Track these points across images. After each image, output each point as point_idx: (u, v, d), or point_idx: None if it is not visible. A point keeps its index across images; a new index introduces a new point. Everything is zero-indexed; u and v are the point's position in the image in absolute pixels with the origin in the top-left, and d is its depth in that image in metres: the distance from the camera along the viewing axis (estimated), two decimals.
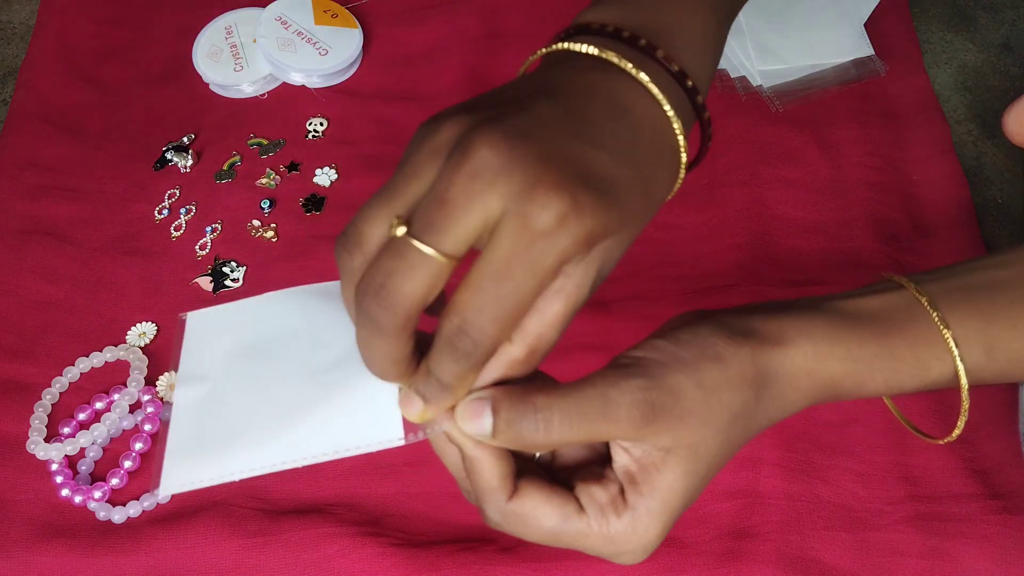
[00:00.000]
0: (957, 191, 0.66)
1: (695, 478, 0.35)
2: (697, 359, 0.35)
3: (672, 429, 0.34)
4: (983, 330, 0.37)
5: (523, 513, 0.34)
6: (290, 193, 0.67)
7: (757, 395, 0.36)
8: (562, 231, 0.31)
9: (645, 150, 0.35)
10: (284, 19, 0.74)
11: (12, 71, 0.75)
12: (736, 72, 0.72)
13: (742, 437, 0.36)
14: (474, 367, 0.33)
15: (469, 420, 0.33)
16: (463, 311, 0.31)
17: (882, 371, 0.37)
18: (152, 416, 0.57)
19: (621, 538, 0.34)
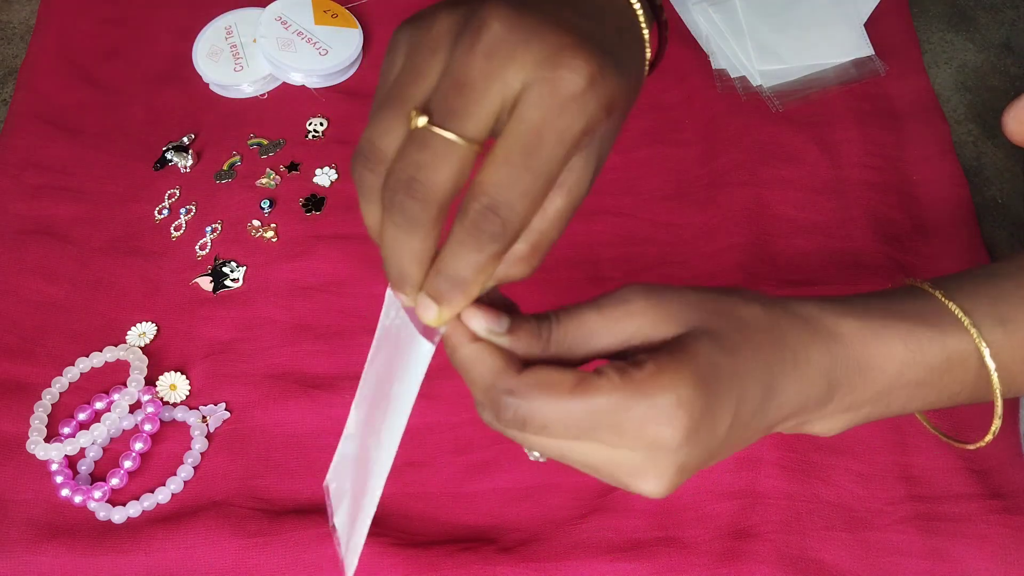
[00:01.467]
0: (957, 191, 0.66)
1: (726, 385, 0.33)
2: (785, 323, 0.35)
3: (718, 340, 0.33)
4: (992, 303, 0.38)
5: (538, 382, 0.32)
6: (290, 193, 0.67)
7: (774, 352, 0.35)
8: (591, 94, 0.30)
9: (624, 36, 0.35)
10: (284, 19, 0.74)
11: (12, 71, 0.75)
12: (736, 72, 0.72)
13: (759, 401, 0.34)
14: (497, 255, 0.31)
15: (488, 320, 0.32)
16: (490, 190, 0.30)
17: (900, 336, 0.37)
18: (152, 416, 0.57)
19: (652, 393, 0.31)
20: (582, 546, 0.52)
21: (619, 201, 0.66)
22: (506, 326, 0.33)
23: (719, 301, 0.35)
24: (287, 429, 0.57)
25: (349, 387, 0.58)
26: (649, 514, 0.53)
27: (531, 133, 0.30)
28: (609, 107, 0.31)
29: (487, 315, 0.33)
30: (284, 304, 0.62)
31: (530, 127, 0.30)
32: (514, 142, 0.30)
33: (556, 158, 0.30)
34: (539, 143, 0.30)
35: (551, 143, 0.30)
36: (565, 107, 0.30)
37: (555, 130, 0.30)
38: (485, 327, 0.33)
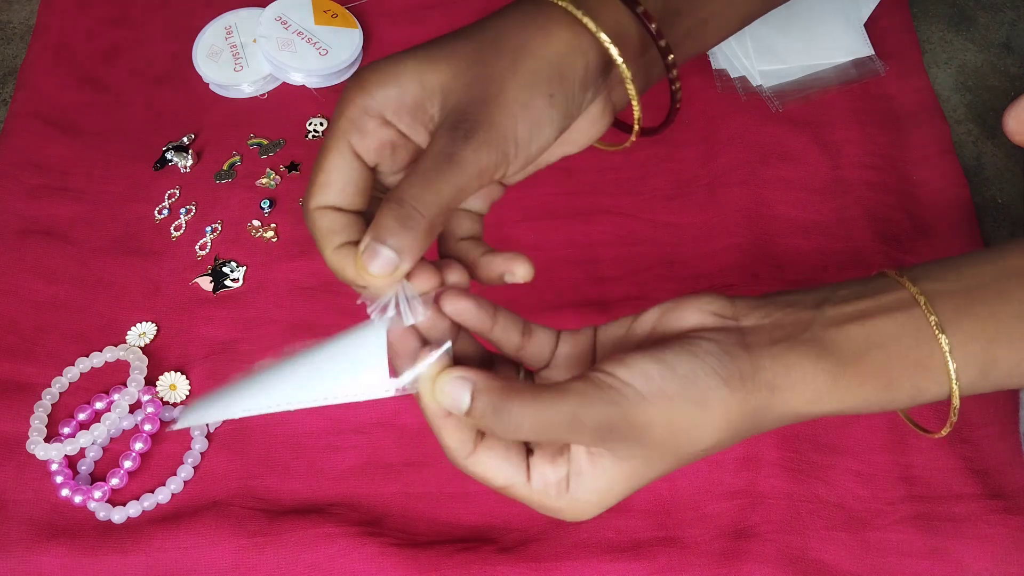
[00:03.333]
0: (957, 191, 0.66)
1: (639, 482, 0.37)
2: (680, 400, 0.35)
3: (631, 448, 0.36)
4: (984, 351, 0.37)
5: (476, 471, 0.37)
6: (290, 193, 0.67)
7: (736, 434, 0.37)
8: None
9: (511, 64, 0.37)
10: (284, 19, 0.74)
11: (12, 71, 0.75)
12: (736, 72, 0.72)
13: (709, 454, 0.37)
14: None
15: (448, 395, 0.35)
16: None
17: (879, 402, 0.38)
18: (152, 416, 0.57)
19: (557, 510, 0.38)
20: (582, 546, 0.52)
21: (619, 201, 0.66)
22: (464, 408, 0.35)
23: (689, 432, 0.36)
24: (287, 429, 0.57)
25: None
26: (649, 514, 0.53)
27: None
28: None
29: (454, 395, 0.35)
30: (284, 304, 0.62)
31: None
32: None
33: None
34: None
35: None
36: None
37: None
38: (447, 406, 0.36)
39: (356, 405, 0.58)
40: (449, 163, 0.35)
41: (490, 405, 0.34)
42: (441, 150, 0.36)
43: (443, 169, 0.35)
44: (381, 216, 0.35)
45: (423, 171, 0.36)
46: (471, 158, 0.36)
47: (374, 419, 0.57)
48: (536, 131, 0.37)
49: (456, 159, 0.36)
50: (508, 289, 0.41)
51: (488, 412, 0.34)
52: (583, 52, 0.38)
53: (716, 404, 0.35)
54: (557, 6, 0.38)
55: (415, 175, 0.36)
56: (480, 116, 0.36)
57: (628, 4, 0.39)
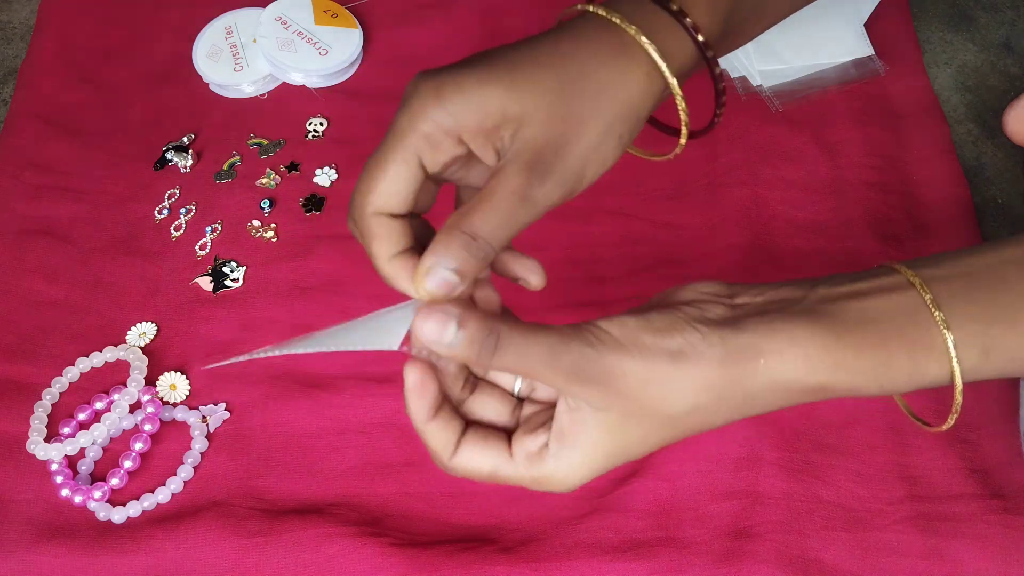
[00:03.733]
0: (957, 191, 0.66)
1: (622, 441, 0.37)
2: (655, 352, 0.35)
3: (605, 397, 0.36)
4: (983, 332, 0.37)
5: (462, 466, 0.38)
6: (290, 193, 0.67)
7: (720, 399, 0.36)
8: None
9: (582, 90, 0.38)
10: (284, 19, 0.74)
11: (12, 71, 0.75)
12: (736, 72, 0.72)
13: (698, 426, 0.37)
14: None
15: (435, 326, 0.34)
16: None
17: (877, 379, 0.37)
18: (152, 416, 0.57)
19: (545, 479, 0.38)
20: (582, 546, 0.52)
21: (619, 201, 0.66)
22: (451, 338, 0.35)
23: (665, 387, 0.36)
24: (287, 429, 0.57)
25: (349, 387, 0.58)
26: (649, 514, 0.53)
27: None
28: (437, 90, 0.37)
29: (440, 326, 0.35)
30: (284, 304, 0.62)
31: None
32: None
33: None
34: None
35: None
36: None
37: None
38: (434, 337, 0.35)
39: (356, 405, 0.58)
40: (524, 203, 0.36)
41: (478, 330, 0.34)
42: (517, 189, 0.36)
43: (518, 209, 0.36)
44: (451, 244, 0.36)
45: (498, 208, 0.36)
46: (544, 199, 0.37)
47: (374, 419, 0.57)
48: (600, 168, 0.39)
49: (531, 199, 0.36)
50: (509, 287, 0.42)
51: (475, 336, 0.34)
52: (654, 94, 0.40)
53: (693, 360, 0.35)
54: (632, 40, 0.39)
55: (490, 211, 0.36)
56: (557, 159, 0.37)
57: (700, 48, 0.40)
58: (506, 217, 0.36)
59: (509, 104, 0.37)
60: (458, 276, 0.35)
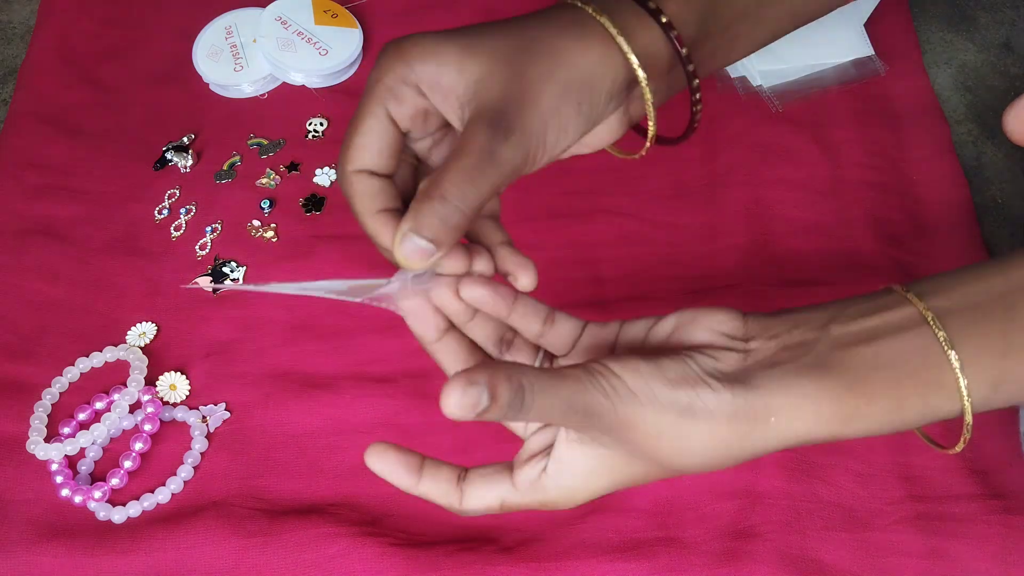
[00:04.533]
0: (957, 191, 0.66)
1: (622, 477, 0.38)
2: (667, 405, 0.35)
3: (615, 441, 0.36)
4: (994, 365, 0.37)
5: (473, 507, 0.39)
6: (290, 193, 0.67)
7: (728, 452, 0.36)
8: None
9: (545, 72, 0.38)
10: (284, 19, 0.74)
11: (12, 71, 0.75)
12: (736, 72, 0.72)
13: (702, 471, 0.38)
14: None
15: (469, 401, 0.33)
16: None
17: (890, 422, 0.37)
18: (152, 416, 0.57)
19: (550, 503, 0.39)
20: (582, 546, 0.52)
21: (619, 201, 0.66)
22: (484, 406, 0.34)
23: (676, 439, 0.36)
24: (287, 429, 0.57)
25: (349, 387, 0.58)
26: (649, 514, 0.53)
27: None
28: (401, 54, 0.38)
29: (472, 399, 0.35)
30: (284, 304, 0.62)
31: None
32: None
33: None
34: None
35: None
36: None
37: None
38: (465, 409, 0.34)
39: (356, 405, 0.58)
40: (490, 161, 0.37)
41: (507, 397, 0.34)
42: (482, 147, 0.36)
43: (484, 166, 0.36)
44: (422, 210, 0.36)
45: (465, 167, 0.36)
46: (509, 156, 0.37)
47: (374, 419, 0.57)
48: (562, 136, 0.39)
49: (497, 157, 0.37)
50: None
51: (504, 403, 0.34)
52: (613, 67, 0.39)
53: (703, 416, 0.35)
54: (595, 20, 0.39)
55: (457, 171, 0.36)
56: (516, 117, 0.37)
57: (664, 29, 0.40)
58: (473, 174, 0.36)
59: (465, 61, 0.38)
60: (433, 244, 0.36)
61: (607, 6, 0.40)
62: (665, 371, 0.36)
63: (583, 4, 0.40)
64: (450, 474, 0.40)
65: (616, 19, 0.39)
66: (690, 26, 0.41)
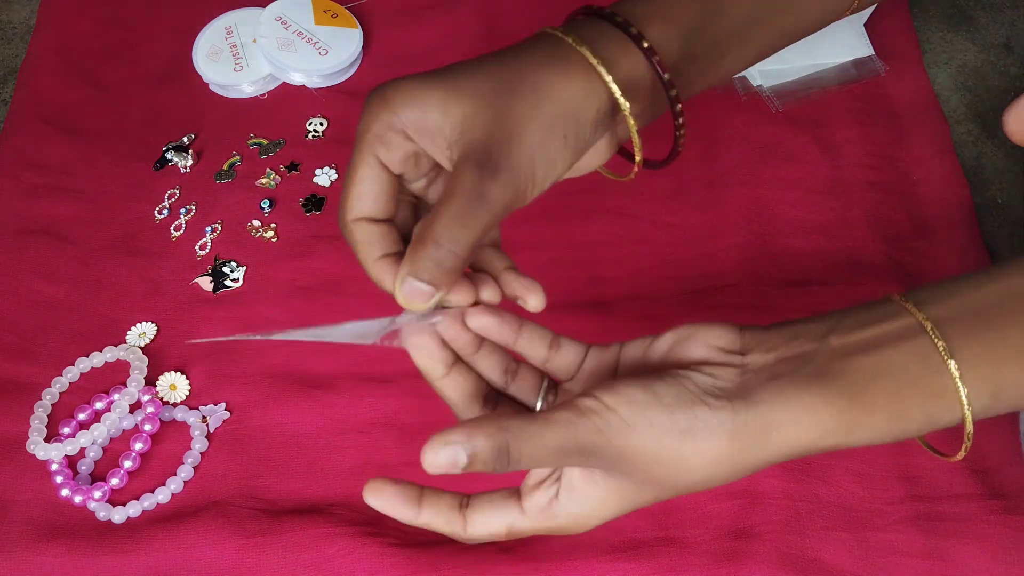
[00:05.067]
0: (957, 191, 0.66)
1: (632, 503, 0.39)
2: (666, 429, 0.35)
3: (617, 473, 0.37)
4: (993, 373, 0.37)
5: (478, 533, 0.39)
6: (290, 193, 0.67)
7: (732, 467, 0.36)
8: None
9: (529, 107, 0.38)
10: (284, 19, 0.74)
11: (12, 71, 0.75)
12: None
13: (707, 487, 0.38)
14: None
15: (445, 461, 0.36)
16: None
17: (891, 432, 0.37)
18: (152, 416, 0.57)
19: (560, 529, 0.39)
20: (582, 546, 0.52)
21: (619, 201, 0.66)
22: (464, 464, 0.36)
23: (674, 463, 0.36)
24: (287, 429, 0.57)
25: (349, 387, 0.58)
26: (649, 514, 0.53)
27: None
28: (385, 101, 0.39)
29: (447, 459, 0.36)
30: (284, 304, 0.62)
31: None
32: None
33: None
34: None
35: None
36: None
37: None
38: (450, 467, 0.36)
39: (356, 405, 0.58)
40: (480, 202, 0.37)
41: (488, 455, 0.35)
42: (471, 189, 0.37)
43: (474, 208, 0.37)
44: (417, 255, 0.37)
45: (456, 211, 0.37)
46: (499, 196, 0.37)
47: (374, 419, 0.57)
48: (551, 169, 0.39)
49: (486, 198, 0.37)
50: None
51: (488, 459, 0.35)
52: (597, 97, 0.40)
53: (703, 436, 0.35)
54: (576, 50, 0.39)
55: (448, 215, 0.37)
56: (503, 155, 0.37)
57: (646, 54, 0.40)
58: (464, 217, 0.37)
59: (449, 103, 0.38)
60: (432, 287, 0.37)
61: (588, 34, 0.40)
62: (661, 397, 0.36)
63: (564, 34, 0.40)
64: (452, 502, 0.39)
65: (597, 47, 0.40)
66: (673, 49, 0.42)
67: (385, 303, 0.39)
